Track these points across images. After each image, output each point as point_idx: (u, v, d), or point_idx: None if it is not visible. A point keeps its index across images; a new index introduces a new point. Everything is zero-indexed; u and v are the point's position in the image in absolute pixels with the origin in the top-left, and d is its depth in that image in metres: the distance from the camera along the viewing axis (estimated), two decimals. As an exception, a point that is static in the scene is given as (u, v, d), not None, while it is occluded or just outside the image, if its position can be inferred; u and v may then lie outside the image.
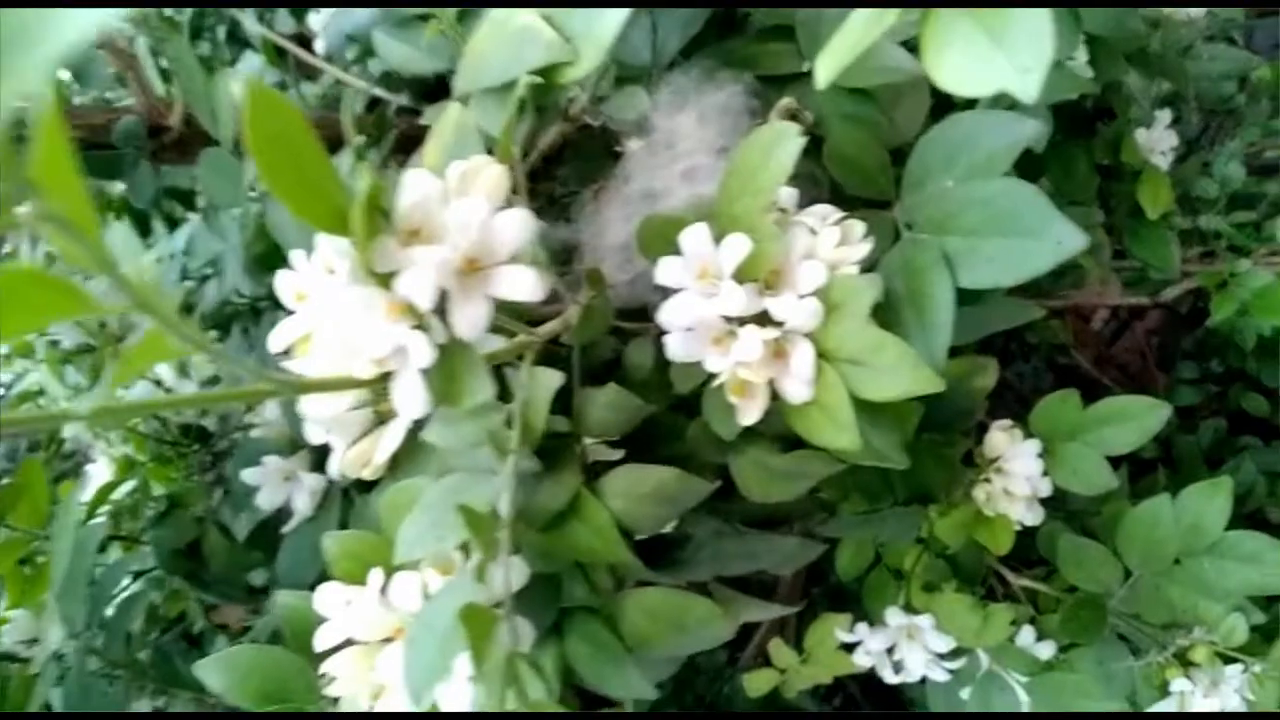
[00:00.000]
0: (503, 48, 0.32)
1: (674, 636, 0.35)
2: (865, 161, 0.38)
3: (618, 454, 0.38)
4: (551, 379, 0.34)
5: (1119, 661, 0.51)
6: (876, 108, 0.39)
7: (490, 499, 0.31)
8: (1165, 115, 0.62)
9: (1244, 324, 0.79)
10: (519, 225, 0.27)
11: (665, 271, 0.33)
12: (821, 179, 0.39)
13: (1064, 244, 0.30)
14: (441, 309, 0.26)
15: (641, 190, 0.37)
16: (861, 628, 0.49)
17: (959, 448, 0.52)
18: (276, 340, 0.27)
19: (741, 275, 0.32)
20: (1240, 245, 0.85)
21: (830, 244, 0.32)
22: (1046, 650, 0.53)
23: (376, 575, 0.32)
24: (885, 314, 0.33)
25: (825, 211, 0.33)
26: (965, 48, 0.25)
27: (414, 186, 0.26)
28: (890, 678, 0.50)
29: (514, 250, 0.27)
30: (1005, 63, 0.24)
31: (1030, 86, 0.24)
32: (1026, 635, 0.54)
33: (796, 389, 0.32)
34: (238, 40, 0.70)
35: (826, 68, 0.28)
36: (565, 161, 0.42)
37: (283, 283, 0.28)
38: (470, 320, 0.25)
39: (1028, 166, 0.61)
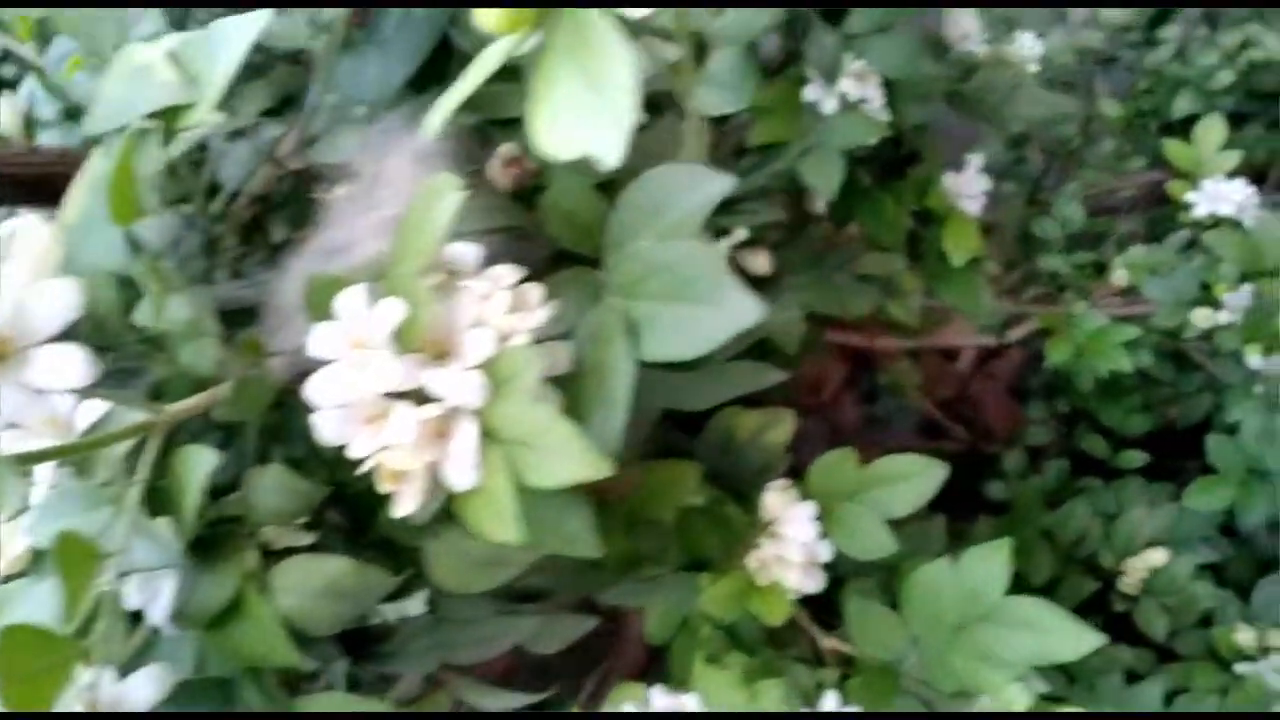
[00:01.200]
0: (124, 88, 0.28)
1: (344, 749, 0.31)
2: (583, 216, 0.34)
3: (308, 538, 0.34)
4: (203, 459, 0.30)
5: (918, 729, 0.49)
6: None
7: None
8: (977, 159, 0.61)
9: (1081, 366, 0.79)
10: (64, 299, 0.22)
11: (318, 340, 0.29)
12: (540, 233, 0.36)
13: (739, 315, 0.28)
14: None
15: (332, 244, 0.33)
16: (629, 707, 0.46)
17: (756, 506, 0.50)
18: None
19: (402, 345, 0.28)
20: (1080, 286, 0.85)
21: (499, 311, 0.29)
22: (849, 717, 0.50)
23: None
24: (574, 386, 0.30)
25: (500, 274, 0.30)
26: (568, 100, 0.22)
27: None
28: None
29: (59, 328, 0.22)
30: (600, 120, 0.21)
31: (612, 151, 0.21)
32: (831, 701, 0.51)
33: (458, 474, 0.28)
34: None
35: (437, 115, 0.25)
36: (276, 209, 0.38)
37: None
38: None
39: (842, 210, 0.60)
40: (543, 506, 0.30)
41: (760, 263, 0.54)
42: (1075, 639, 0.44)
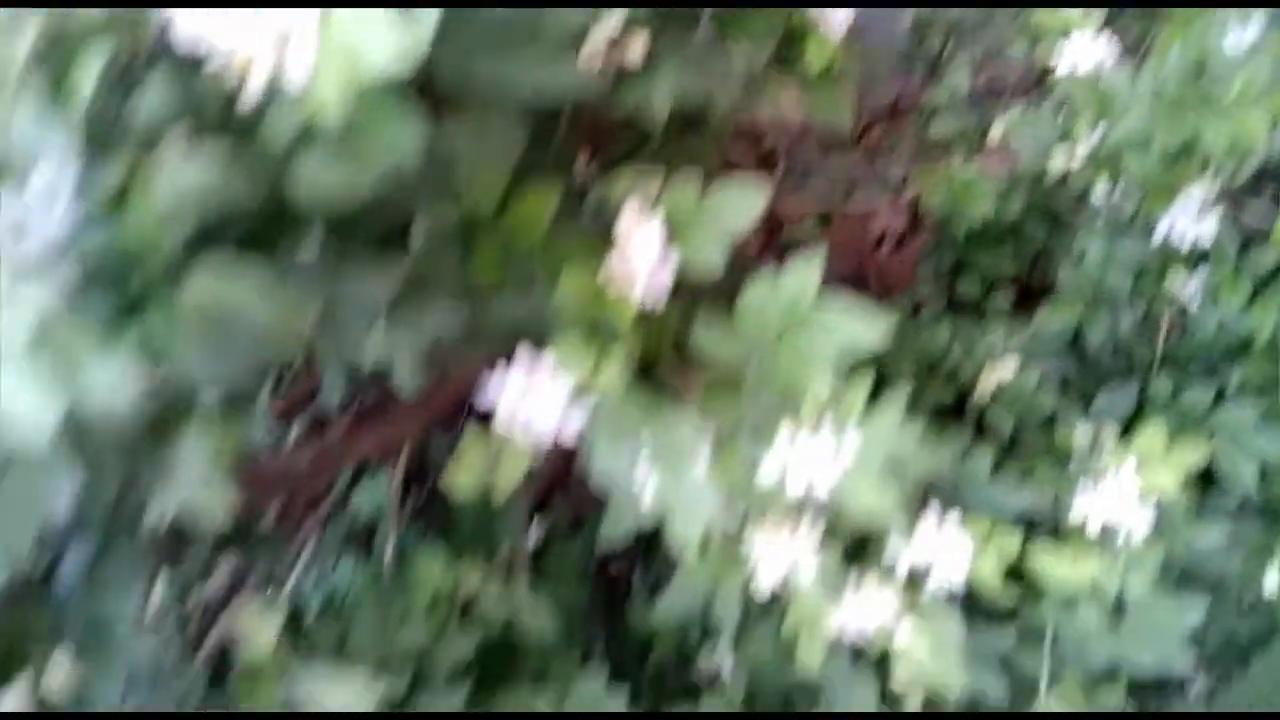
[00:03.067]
0: None
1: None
2: None
3: None
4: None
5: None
6: None
7: None
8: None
9: (956, 213, 0.85)
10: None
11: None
12: None
13: None
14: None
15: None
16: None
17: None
18: None
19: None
20: (963, 147, 0.91)
21: None
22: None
23: None
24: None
25: None
26: None
27: None
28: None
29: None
30: None
31: None
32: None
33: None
34: None
35: None
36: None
37: None
38: None
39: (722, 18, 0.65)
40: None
41: (634, 52, 0.59)
42: (871, 325, 0.50)
